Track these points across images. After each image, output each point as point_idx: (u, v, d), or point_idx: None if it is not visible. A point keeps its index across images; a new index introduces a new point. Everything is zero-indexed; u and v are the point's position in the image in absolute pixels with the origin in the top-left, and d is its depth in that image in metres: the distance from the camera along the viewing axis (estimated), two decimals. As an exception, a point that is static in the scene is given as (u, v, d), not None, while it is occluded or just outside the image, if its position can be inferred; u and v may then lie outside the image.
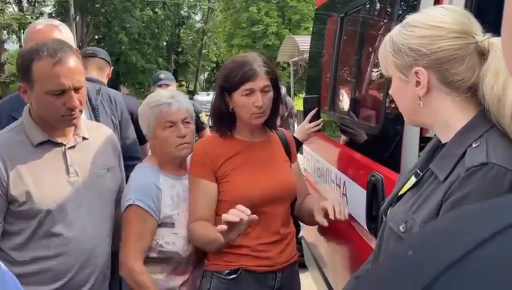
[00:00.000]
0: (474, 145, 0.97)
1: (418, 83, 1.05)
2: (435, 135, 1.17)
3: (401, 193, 1.16)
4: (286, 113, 2.78)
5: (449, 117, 1.05)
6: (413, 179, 1.14)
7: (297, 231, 2.17)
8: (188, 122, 1.80)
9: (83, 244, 1.63)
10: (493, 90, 0.94)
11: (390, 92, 1.17)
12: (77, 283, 1.63)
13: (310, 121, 2.37)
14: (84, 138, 1.70)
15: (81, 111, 1.61)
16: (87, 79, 2.48)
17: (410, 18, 1.08)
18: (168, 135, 1.76)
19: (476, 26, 1.03)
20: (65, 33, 2.01)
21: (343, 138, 2.31)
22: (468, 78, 1.02)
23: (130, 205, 1.74)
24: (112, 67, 2.83)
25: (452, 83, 1.03)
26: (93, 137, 1.74)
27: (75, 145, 1.66)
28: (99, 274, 1.70)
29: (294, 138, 2.38)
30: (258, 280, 1.76)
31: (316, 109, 2.35)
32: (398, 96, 1.15)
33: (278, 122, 2.73)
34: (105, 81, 2.68)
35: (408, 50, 1.04)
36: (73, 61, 1.56)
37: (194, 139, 1.88)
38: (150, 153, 2.02)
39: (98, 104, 2.04)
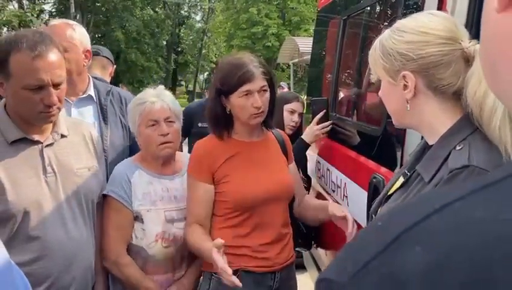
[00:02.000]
0: (458, 147, 1.01)
1: (405, 87, 1.08)
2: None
3: (390, 192, 1.19)
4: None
5: (435, 120, 1.08)
6: (401, 180, 1.17)
7: (297, 232, 2.18)
8: (171, 122, 1.81)
9: (65, 248, 1.54)
10: (475, 96, 0.97)
11: (379, 94, 1.20)
12: (59, 289, 1.53)
13: (318, 123, 2.37)
14: (62, 136, 1.61)
15: (59, 108, 1.53)
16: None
17: (400, 23, 1.11)
18: (151, 133, 1.78)
19: (462, 32, 1.06)
20: (78, 32, 2.00)
21: (344, 139, 2.32)
22: (454, 83, 1.05)
23: (104, 195, 1.77)
24: (115, 66, 2.83)
25: (438, 87, 1.06)
26: (72, 134, 1.66)
27: (52, 143, 1.57)
28: (83, 279, 1.61)
29: (302, 139, 2.38)
30: (257, 281, 1.76)
31: (324, 111, 2.36)
32: (386, 99, 1.18)
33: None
34: (108, 79, 2.68)
35: (397, 54, 1.08)
36: (54, 55, 1.47)
37: (179, 139, 1.89)
38: None
39: (107, 103, 2.02)
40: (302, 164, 2.68)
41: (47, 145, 1.55)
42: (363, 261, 0.31)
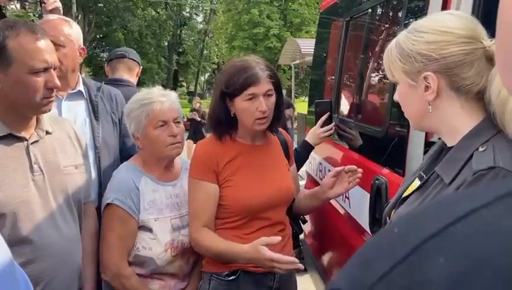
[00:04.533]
0: (480, 149, 0.97)
1: (427, 88, 1.05)
2: (439, 138, 1.18)
3: (405, 195, 1.17)
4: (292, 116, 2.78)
5: (457, 121, 1.06)
6: (417, 182, 1.14)
7: (296, 232, 2.17)
8: (178, 122, 1.76)
9: (58, 249, 1.49)
10: (499, 95, 0.94)
11: (395, 97, 1.17)
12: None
13: (322, 126, 2.37)
14: (47, 132, 1.55)
15: (56, 94, 1.53)
16: (117, 80, 2.52)
17: (417, 24, 1.08)
18: (160, 134, 1.72)
19: (482, 31, 1.03)
20: (75, 29, 1.99)
21: (346, 141, 2.32)
22: (477, 82, 1.02)
23: (109, 204, 1.69)
24: (141, 66, 2.84)
25: (461, 87, 1.04)
26: (57, 131, 1.59)
27: (38, 140, 1.51)
28: (76, 279, 1.58)
29: (306, 142, 2.38)
30: (257, 281, 1.75)
31: (328, 113, 2.35)
32: (405, 102, 1.14)
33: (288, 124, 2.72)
34: (135, 81, 2.69)
35: (417, 55, 1.05)
36: (48, 39, 1.47)
37: (185, 139, 1.86)
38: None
39: (98, 100, 2.01)
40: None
41: (32, 143, 1.49)
42: (380, 272, 0.29)
